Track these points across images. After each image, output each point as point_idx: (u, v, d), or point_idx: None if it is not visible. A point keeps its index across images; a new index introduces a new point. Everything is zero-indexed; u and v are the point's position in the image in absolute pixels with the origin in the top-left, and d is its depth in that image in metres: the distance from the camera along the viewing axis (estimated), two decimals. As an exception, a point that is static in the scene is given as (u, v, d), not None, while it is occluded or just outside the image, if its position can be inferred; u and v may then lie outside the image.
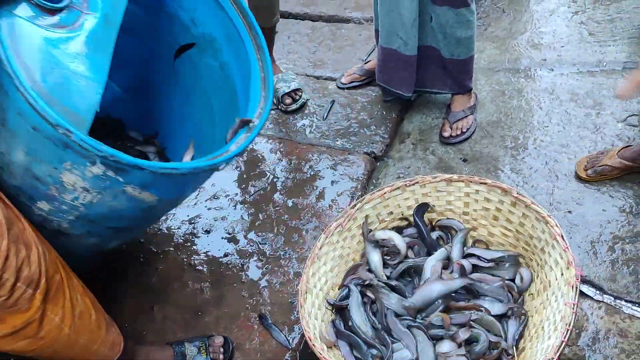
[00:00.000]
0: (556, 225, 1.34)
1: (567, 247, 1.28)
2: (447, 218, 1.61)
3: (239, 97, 1.48)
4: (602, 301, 1.51)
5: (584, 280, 1.55)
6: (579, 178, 1.83)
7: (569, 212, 1.74)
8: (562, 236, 1.31)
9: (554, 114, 2.09)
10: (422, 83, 2.05)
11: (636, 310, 1.48)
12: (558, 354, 1.10)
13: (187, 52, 1.57)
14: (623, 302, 1.50)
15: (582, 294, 1.52)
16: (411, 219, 1.61)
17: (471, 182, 1.53)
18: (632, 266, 1.57)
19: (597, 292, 1.53)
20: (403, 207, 1.62)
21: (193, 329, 1.56)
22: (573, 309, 1.17)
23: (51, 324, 1.06)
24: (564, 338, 1.12)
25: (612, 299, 1.51)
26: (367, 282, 1.45)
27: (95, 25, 1.14)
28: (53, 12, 1.08)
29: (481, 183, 1.51)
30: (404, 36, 1.88)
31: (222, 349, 1.46)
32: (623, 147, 1.81)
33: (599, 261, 1.60)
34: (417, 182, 1.59)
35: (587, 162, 1.84)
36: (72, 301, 1.10)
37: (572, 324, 1.15)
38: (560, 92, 2.18)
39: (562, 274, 1.27)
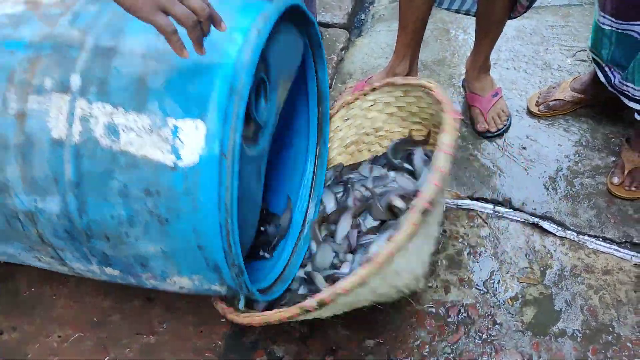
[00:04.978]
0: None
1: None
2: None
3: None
4: (564, 237, 1.39)
5: (544, 217, 1.43)
6: (531, 114, 1.71)
7: (524, 148, 1.61)
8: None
9: (501, 51, 1.96)
10: None
11: (600, 245, 1.38)
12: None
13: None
14: (586, 237, 1.39)
15: (543, 230, 1.40)
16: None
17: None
18: (593, 200, 1.47)
19: (559, 228, 1.41)
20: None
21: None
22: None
23: None
24: None
25: (575, 234, 1.40)
26: None
27: (266, 144, 1.01)
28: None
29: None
30: None
31: None
32: (574, 79, 1.71)
33: (559, 196, 1.48)
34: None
35: (539, 97, 1.72)
36: None
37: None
38: (506, 29, 2.05)
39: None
